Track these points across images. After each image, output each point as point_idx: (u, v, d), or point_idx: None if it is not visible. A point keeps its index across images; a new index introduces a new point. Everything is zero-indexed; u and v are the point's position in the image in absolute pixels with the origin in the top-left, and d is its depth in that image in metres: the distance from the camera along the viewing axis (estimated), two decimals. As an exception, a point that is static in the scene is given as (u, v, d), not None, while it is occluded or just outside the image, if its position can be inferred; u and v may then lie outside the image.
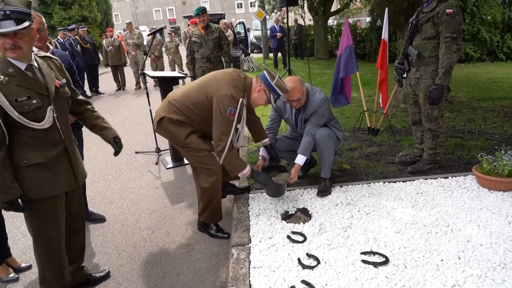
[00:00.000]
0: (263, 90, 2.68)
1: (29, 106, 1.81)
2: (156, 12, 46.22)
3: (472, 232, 2.46)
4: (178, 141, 2.71)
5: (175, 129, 2.67)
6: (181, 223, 3.15)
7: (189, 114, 2.65)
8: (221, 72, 2.79)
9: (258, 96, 2.70)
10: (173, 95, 2.76)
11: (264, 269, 2.24)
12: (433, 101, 3.13)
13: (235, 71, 2.76)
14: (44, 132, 1.87)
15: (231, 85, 2.58)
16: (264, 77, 2.66)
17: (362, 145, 4.34)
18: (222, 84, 2.58)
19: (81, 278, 2.37)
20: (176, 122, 2.65)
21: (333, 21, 18.50)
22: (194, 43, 5.32)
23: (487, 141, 4.14)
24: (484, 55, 11.41)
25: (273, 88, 2.66)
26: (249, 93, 2.70)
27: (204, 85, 2.67)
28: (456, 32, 2.99)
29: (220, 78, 2.65)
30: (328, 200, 3.04)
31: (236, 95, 2.56)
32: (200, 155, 2.68)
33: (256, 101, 2.74)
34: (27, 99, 1.80)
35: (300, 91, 2.90)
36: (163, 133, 2.81)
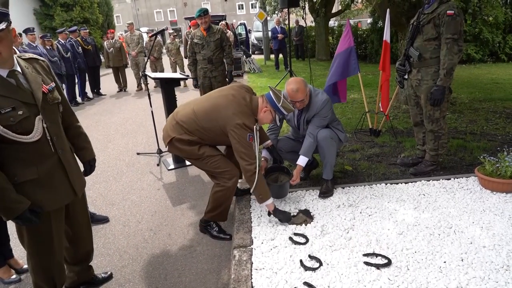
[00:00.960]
0: (269, 110, 2.70)
1: (15, 118, 1.61)
2: (157, 13, 46.31)
3: (475, 234, 2.45)
4: (193, 155, 2.74)
5: (187, 147, 2.70)
6: (183, 224, 3.15)
7: (200, 135, 2.67)
8: (225, 94, 2.71)
9: (264, 116, 2.72)
10: (180, 116, 2.73)
11: (266, 271, 2.23)
12: (434, 102, 3.13)
13: (239, 92, 2.71)
14: (34, 145, 1.70)
15: (241, 112, 2.58)
16: (270, 98, 2.67)
17: (364, 146, 4.34)
18: (231, 113, 2.55)
19: (87, 277, 2.36)
20: (187, 141, 2.68)
21: (334, 22, 18.52)
22: (196, 44, 5.32)
23: (489, 142, 4.13)
24: (485, 56, 11.39)
25: (279, 109, 2.69)
26: (256, 114, 2.71)
27: (212, 111, 2.63)
28: (457, 33, 2.99)
29: (226, 104, 2.60)
30: (330, 202, 3.04)
31: (249, 123, 2.57)
32: (214, 161, 2.70)
33: (262, 121, 2.77)
34: (11, 110, 1.61)
35: (303, 92, 2.90)
36: (176, 152, 2.84)
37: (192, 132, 2.67)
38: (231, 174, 2.72)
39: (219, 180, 2.76)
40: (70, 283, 2.31)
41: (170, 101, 4.43)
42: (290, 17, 8.84)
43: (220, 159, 2.73)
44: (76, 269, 2.26)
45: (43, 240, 1.87)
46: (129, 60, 10.58)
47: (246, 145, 2.56)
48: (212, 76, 5.34)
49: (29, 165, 1.71)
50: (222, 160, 2.74)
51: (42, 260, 1.91)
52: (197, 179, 4.06)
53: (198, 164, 2.81)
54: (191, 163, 2.90)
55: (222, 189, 2.73)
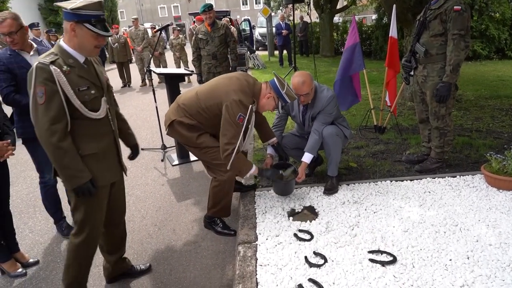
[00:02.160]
0: (272, 97, 2.70)
1: (89, 96, 1.88)
2: (161, 9, 46.25)
3: (481, 232, 2.44)
4: (191, 142, 2.73)
5: (187, 132, 2.69)
6: (187, 220, 3.15)
7: (200, 119, 2.66)
8: (229, 76, 2.78)
9: (266, 102, 2.72)
10: (182, 99, 2.76)
11: (271, 267, 2.23)
12: (440, 99, 3.10)
13: (244, 75, 2.75)
14: (98, 123, 1.94)
15: (241, 90, 2.59)
16: (274, 84, 2.68)
17: (369, 143, 4.32)
18: (231, 89, 2.58)
19: (123, 269, 2.41)
20: (187, 125, 2.67)
21: (339, 19, 18.40)
22: (200, 40, 5.31)
23: (496, 140, 4.10)
24: (492, 52, 11.27)
25: (282, 96, 2.68)
26: (257, 98, 2.71)
27: (214, 90, 2.66)
28: (464, 29, 2.95)
29: (229, 83, 2.65)
30: (335, 198, 3.03)
31: (246, 101, 2.57)
32: (213, 152, 2.69)
33: (264, 107, 2.76)
34: (87, 89, 1.87)
35: (309, 85, 2.89)
36: (174, 135, 2.84)
37: (193, 115, 2.66)
38: (225, 169, 2.69)
39: (215, 172, 2.75)
40: (107, 274, 2.38)
41: (174, 96, 4.38)
42: (295, 13, 8.79)
43: (218, 151, 2.70)
44: (112, 259, 2.34)
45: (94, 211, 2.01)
46: (134, 56, 10.58)
47: (233, 123, 2.53)
48: (217, 72, 5.32)
49: (92, 141, 1.93)
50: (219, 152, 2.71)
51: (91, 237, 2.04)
52: (202, 175, 4.06)
53: (196, 153, 2.81)
54: (190, 151, 2.89)
55: (219, 183, 2.73)
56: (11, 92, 2.54)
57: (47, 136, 1.76)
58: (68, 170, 1.83)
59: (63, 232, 2.97)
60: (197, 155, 2.83)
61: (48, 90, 1.74)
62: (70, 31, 1.79)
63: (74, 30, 1.78)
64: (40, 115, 1.75)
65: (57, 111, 1.76)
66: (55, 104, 1.76)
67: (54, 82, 1.74)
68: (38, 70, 1.73)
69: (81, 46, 1.84)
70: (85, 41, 1.82)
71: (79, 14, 1.75)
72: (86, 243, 2.03)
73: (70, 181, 1.85)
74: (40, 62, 1.74)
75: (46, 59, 1.76)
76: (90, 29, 1.78)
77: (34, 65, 1.73)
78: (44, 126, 1.75)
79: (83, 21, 1.76)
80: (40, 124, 1.76)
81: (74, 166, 1.83)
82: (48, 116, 1.75)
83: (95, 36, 1.81)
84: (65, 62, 1.80)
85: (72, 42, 1.83)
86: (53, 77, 1.74)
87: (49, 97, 1.74)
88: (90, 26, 1.78)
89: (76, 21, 1.76)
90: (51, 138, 1.76)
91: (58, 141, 1.77)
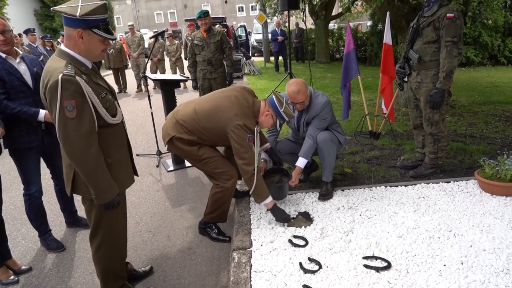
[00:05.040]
0: (271, 115, 2.71)
1: (109, 102, 1.85)
2: (157, 15, 46.32)
3: (475, 237, 2.44)
4: (191, 155, 2.73)
5: (187, 147, 2.70)
6: (182, 226, 3.14)
7: (200, 135, 2.67)
8: (228, 95, 2.70)
9: (265, 119, 2.73)
10: (180, 115, 2.72)
11: (266, 273, 2.23)
12: (434, 105, 3.13)
13: (242, 93, 2.73)
14: (115, 128, 1.91)
15: (243, 114, 2.59)
16: (273, 103, 2.69)
17: (364, 149, 4.33)
18: (233, 114, 2.56)
19: (127, 273, 2.38)
20: (187, 140, 2.68)
21: (334, 25, 18.54)
22: (196, 46, 5.32)
23: (489, 146, 4.13)
24: (485, 59, 11.40)
25: (281, 115, 2.70)
26: (257, 116, 2.72)
27: (214, 112, 2.62)
28: (457, 36, 2.99)
29: (229, 106, 2.60)
30: (329, 204, 3.03)
31: (250, 124, 2.58)
32: (214, 161, 2.70)
33: (263, 124, 2.78)
34: (106, 95, 1.84)
35: (304, 93, 2.91)
36: (175, 151, 2.84)
37: (192, 131, 2.66)
38: (229, 175, 2.71)
39: (217, 181, 2.75)
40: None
41: (170, 102, 4.43)
42: (290, 20, 8.85)
43: (218, 159, 2.73)
44: None
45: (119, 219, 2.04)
46: (130, 61, 10.57)
47: (246, 146, 2.56)
48: (212, 78, 5.34)
49: (115, 147, 1.92)
50: (221, 161, 2.73)
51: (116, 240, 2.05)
52: (197, 181, 4.05)
53: (197, 165, 2.80)
54: (190, 163, 2.88)
55: (221, 190, 2.73)
56: (2, 100, 2.44)
57: (82, 151, 1.69)
58: (102, 184, 1.78)
59: (48, 245, 2.86)
60: (199, 167, 2.81)
61: (79, 103, 1.66)
62: (77, 38, 1.71)
63: (81, 36, 1.70)
64: (72, 130, 1.66)
65: (90, 123, 1.70)
66: (87, 117, 1.69)
67: (83, 94, 1.67)
68: (64, 83, 1.62)
69: (88, 51, 1.77)
70: (93, 46, 1.76)
71: (89, 20, 1.68)
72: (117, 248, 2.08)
73: (104, 195, 1.81)
74: (65, 74, 1.63)
75: (69, 70, 1.65)
76: (99, 34, 1.72)
77: (59, 77, 1.61)
78: (79, 141, 1.67)
79: (92, 26, 1.70)
80: (72, 139, 1.67)
81: (107, 179, 1.80)
82: (82, 130, 1.68)
83: (102, 40, 1.76)
84: (80, 70, 1.73)
85: (78, 48, 1.75)
86: (81, 89, 1.66)
87: (80, 110, 1.66)
88: (98, 31, 1.72)
89: (84, 27, 1.69)
90: (86, 152, 1.70)
91: (94, 155, 1.72)
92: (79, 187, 1.87)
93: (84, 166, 1.72)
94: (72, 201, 3.12)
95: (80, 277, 2.54)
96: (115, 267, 2.11)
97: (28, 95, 2.55)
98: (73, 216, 3.16)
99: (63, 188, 2.95)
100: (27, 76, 2.57)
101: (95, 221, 1.96)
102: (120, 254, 2.13)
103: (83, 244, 2.94)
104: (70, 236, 3.06)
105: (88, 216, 1.98)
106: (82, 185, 1.85)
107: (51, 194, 3.36)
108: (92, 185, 1.77)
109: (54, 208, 3.28)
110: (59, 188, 2.99)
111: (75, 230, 3.14)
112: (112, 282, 2.12)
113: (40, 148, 2.68)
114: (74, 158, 1.71)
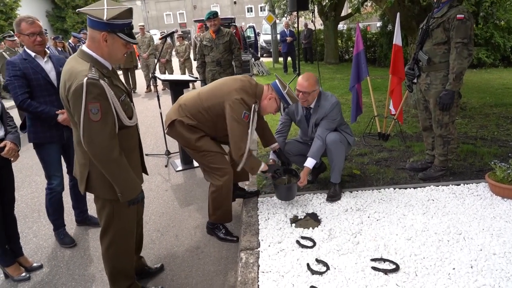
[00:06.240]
0: (274, 98, 2.72)
1: (127, 105, 1.89)
2: (167, 16, 46.64)
3: (485, 241, 2.42)
4: (189, 144, 2.74)
5: (186, 133, 2.70)
6: (190, 226, 3.16)
7: (201, 119, 2.68)
8: (232, 78, 2.82)
9: (268, 104, 2.73)
10: (184, 99, 2.79)
11: (273, 274, 2.23)
12: (443, 107, 3.10)
13: (246, 77, 2.79)
14: (131, 130, 1.94)
15: (243, 90, 2.62)
16: (276, 85, 2.71)
17: (372, 150, 4.31)
18: (233, 89, 2.61)
19: (139, 266, 2.44)
20: (188, 126, 2.68)
21: (343, 26, 18.46)
22: (205, 46, 5.36)
23: (500, 148, 4.07)
24: (497, 60, 11.24)
25: (284, 97, 2.71)
26: (259, 100, 2.73)
27: (216, 90, 2.69)
28: (467, 38, 2.96)
29: (231, 84, 2.68)
30: (337, 206, 3.02)
31: (248, 100, 2.60)
32: (211, 156, 2.71)
33: (266, 109, 2.77)
34: (124, 98, 1.87)
35: (311, 84, 2.93)
36: (174, 136, 2.83)
37: (193, 115, 2.67)
38: (223, 172, 2.71)
39: (211, 177, 2.77)
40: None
41: (179, 103, 4.45)
42: (299, 20, 8.84)
43: (217, 155, 2.73)
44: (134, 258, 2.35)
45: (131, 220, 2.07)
46: (140, 62, 10.67)
47: (240, 121, 2.55)
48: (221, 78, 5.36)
49: (130, 148, 1.95)
50: (219, 157, 2.74)
51: (126, 239, 2.08)
52: (205, 181, 4.04)
53: (195, 156, 2.82)
54: (188, 154, 2.87)
55: (216, 189, 2.75)
56: (26, 98, 2.57)
57: (107, 152, 1.74)
58: (127, 183, 1.84)
59: (61, 240, 2.95)
60: (195, 158, 2.85)
61: (103, 106, 1.70)
62: (101, 41, 1.74)
63: (106, 39, 1.73)
64: (96, 133, 1.71)
65: (113, 126, 1.76)
66: (110, 119, 1.74)
67: (106, 98, 1.71)
68: (89, 86, 1.65)
69: (111, 54, 1.80)
70: (117, 49, 1.79)
71: (115, 24, 1.71)
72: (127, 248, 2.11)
73: (130, 193, 1.87)
74: (90, 77, 1.65)
75: (93, 74, 1.68)
76: (123, 38, 1.75)
77: (84, 81, 1.64)
78: (104, 143, 1.72)
79: (117, 30, 1.73)
80: (97, 141, 1.71)
81: (131, 178, 1.86)
82: (106, 133, 1.72)
83: (125, 44, 1.79)
84: (102, 73, 1.75)
85: (100, 51, 1.77)
86: (105, 92, 1.70)
87: (105, 113, 1.71)
88: (123, 35, 1.75)
89: (109, 31, 1.72)
90: (111, 154, 1.75)
91: (118, 156, 1.77)
92: (92, 186, 1.91)
93: (110, 167, 1.77)
94: (84, 199, 3.17)
95: (90, 274, 2.57)
96: (124, 266, 2.13)
97: (52, 93, 2.68)
98: (83, 215, 3.21)
99: (77, 184, 3.02)
100: (52, 75, 2.70)
101: (107, 220, 1.99)
102: (129, 253, 2.15)
103: (93, 242, 2.98)
104: (80, 234, 3.10)
105: (100, 214, 2.01)
106: (95, 184, 1.89)
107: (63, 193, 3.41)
108: (118, 184, 1.82)
109: (64, 206, 3.31)
110: (73, 184, 3.06)
111: (85, 228, 3.19)
112: (121, 281, 2.15)
113: (61, 142, 2.79)
114: (100, 159, 1.75)
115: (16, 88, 2.55)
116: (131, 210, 2.02)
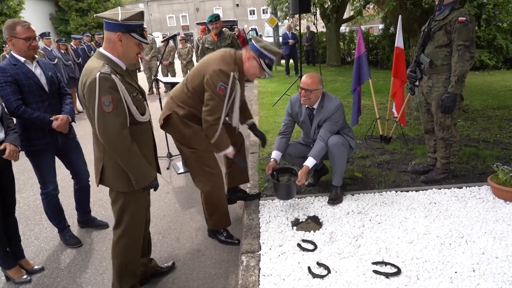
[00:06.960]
0: (253, 57, 2.61)
1: (139, 101, 2.01)
2: (169, 18, 46.83)
3: (487, 244, 2.40)
4: (185, 140, 2.69)
5: (182, 126, 2.66)
6: (191, 228, 3.16)
7: (189, 103, 2.63)
8: (214, 52, 2.76)
9: (249, 65, 2.63)
10: (172, 91, 2.79)
11: (274, 277, 2.22)
12: (445, 109, 3.09)
13: (228, 49, 2.74)
14: (143, 126, 2.04)
15: (222, 60, 2.57)
16: (252, 45, 2.62)
17: (374, 153, 4.30)
18: (212, 61, 2.59)
19: (152, 270, 2.49)
20: (181, 119, 2.64)
21: (345, 28, 18.46)
22: (207, 49, 5.37)
23: (503, 151, 4.05)
24: (499, 62, 11.21)
25: (261, 52, 2.56)
26: (241, 65, 2.64)
27: (198, 68, 2.67)
28: (469, 40, 2.95)
29: (211, 57, 2.67)
30: (339, 209, 3.01)
31: (226, 69, 2.53)
32: (208, 158, 2.70)
33: (249, 71, 2.66)
34: (136, 95, 1.99)
35: (314, 83, 2.94)
36: (169, 131, 2.77)
37: (183, 101, 2.64)
38: (212, 176, 2.69)
39: (197, 183, 2.77)
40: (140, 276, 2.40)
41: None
42: (301, 23, 8.86)
43: (211, 157, 2.71)
44: (144, 261, 2.40)
45: (140, 212, 2.14)
46: (142, 64, 10.70)
47: (214, 94, 2.52)
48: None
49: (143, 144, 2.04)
50: (211, 159, 2.72)
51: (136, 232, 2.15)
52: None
53: (188, 154, 2.73)
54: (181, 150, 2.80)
55: (206, 194, 2.75)
56: (21, 105, 2.53)
57: (120, 141, 1.86)
58: (141, 169, 1.96)
59: (66, 241, 2.98)
60: (187, 157, 2.76)
61: (115, 98, 1.82)
62: (116, 41, 1.88)
63: (121, 40, 1.88)
64: (109, 123, 1.83)
65: (124, 117, 1.87)
66: (121, 111, 1.86)
67: (117, 90, 1.83)
68: (101, 80, 1.79)
69: (125, 54, 1.94)
70: (130, 49, 1.93)
71: (128, 24, 1.86)
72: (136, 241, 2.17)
73: (144, 180, 1.99)
74: (102, 72, 1.79)
75: (106, 69, 1.82)
76: (136, 38, 1.90)
77: (96, 75, 1.78)
78: (116, 132, 1.84)
79: (131, 30, 1.87)
80: (111, 131, 1.84)
81: (144, 165, 1.98)
82: (118, 122, 1.84)
83: (138, 44, 1.93)
84: (115, 70, 1.88)
85: (116, 51, 1.91)
86: (116, 86, 1.83)
87: (116, 104, 1.83)
88: (136, 35, 1.89)
89: (123, 31, 1.86)
90: (124, 142, 1.87)
91: (130, 144, 1.89)
92: (106, 179, 2.01)
93: (123, 155, 1.89)
94: (87, 200, 3.18)
95: (91, 277, 2.58)
96: (131, 261, 2.17)
97: (44, 98, 2.66)
98: (87, 216, 3.22)
99: (82, 187, 3.10)
100: (43, 80, 2.68)
101: (119, 212, 2.08)
102: (137, 246, 2.19)
103: (94, 245, 2.98)
104: (82, 237, 3.10)
105: (114, 206, 2.09)
106: (109, 177, 2.00)
107: (63, 195, 3.41)
108: (132, 172, 1.94)
109: (66, 209, 3.32)
110: (79, 188, 3.07)
111: (86, 231, 3.19)
112: (127, 277, 2.17)
113: (55, 148, 2.79)
114: (114, 148, 1.87)
115: (8, 95, 2.50)
116: (141, 203, 2.12)
